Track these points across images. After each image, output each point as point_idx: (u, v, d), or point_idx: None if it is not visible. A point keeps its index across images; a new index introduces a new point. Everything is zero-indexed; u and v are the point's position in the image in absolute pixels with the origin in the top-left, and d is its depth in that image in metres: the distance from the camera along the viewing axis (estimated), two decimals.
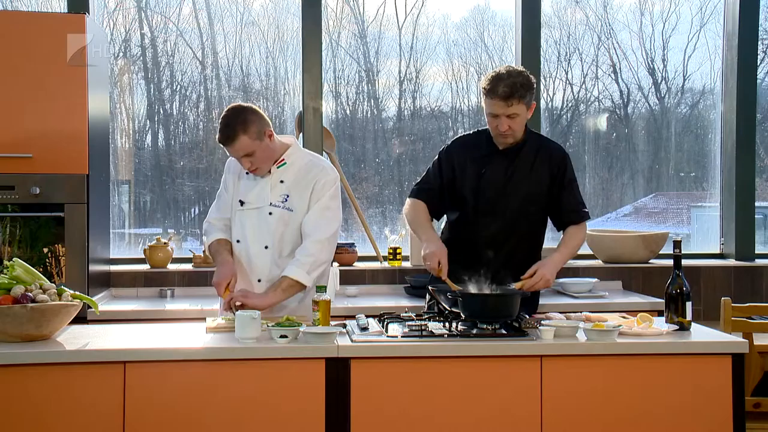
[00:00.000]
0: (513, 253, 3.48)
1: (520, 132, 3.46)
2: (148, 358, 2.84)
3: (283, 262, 3.41)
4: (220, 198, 3.57)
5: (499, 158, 3.52)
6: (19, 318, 2.83)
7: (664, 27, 5.50)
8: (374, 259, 4.99)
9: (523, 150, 3.51)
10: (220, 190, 3.59)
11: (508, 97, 3.31)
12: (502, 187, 3.49)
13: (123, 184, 5.14)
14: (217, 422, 2.84)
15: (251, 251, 3.43)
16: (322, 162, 3.55)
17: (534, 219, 3.55)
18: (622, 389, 2.96)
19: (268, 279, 3.41)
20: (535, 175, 3.50)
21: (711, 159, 5.50)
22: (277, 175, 3.43)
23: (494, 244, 3.44)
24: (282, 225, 3.40)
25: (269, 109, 5.30)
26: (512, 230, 3.50)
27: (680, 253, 3.20)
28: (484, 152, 3.53)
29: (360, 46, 5.37)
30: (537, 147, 3.55)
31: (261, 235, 3.41)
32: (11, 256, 3.91)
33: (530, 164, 3.51)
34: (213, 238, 3.52)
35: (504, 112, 3.34)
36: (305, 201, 3.41)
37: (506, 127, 3.37)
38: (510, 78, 3.32)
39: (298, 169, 3.44)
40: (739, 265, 5.05)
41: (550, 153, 3.54)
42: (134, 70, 5.22)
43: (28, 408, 2.78)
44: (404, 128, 5.44)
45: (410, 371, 2.90)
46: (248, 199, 3.44)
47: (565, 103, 5.58)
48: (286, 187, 3.42)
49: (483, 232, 3.48)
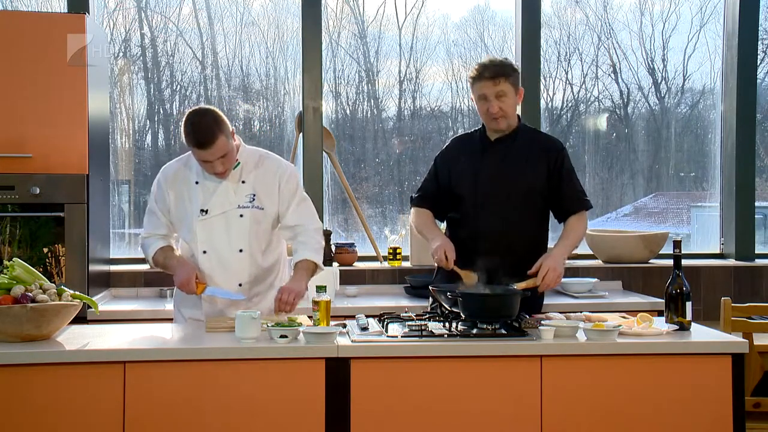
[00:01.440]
0: (513, 248, 3.46)
1: (512, 116, 3.49)
2: (148, 358, 2.84)
3: (261, 261, 3.40)
4: (152, 214, 3.46)
5: (493, 151, 3.52)
6: (19, 318, 2.82)
7: (664, 27, 5.50)
8: (374, 259, 4.99)
9: (517, 140, 3.52)
10: (150, 206, 3.46)
11: (495, 76, 3.40)
12: (497, 180, 3.49)
13: (123, 184, 5.14)
14: (217, 422, 2.84)
15: (225, 258, 3.36)
16: (275, 156, 3.52)
17: (533, 213, 3.54)
18: (622, 389, 2.95)
19: (249, 281, 3.39)
20: (532, 168, 3.50)
21: (711, 159, 5.50)
22: (236, 176, 3.37)
23: (494, 240, 3.43)
24: (255, 225, 3.37)
25: (269, 109, 5.30)
26: (512, 225, 3.48)
27: (680, 253, 3.20)
28: (478, 147, 3.56)
29: (360, 46, 5.37)
30: (531, 139, 3.55)
31: (233, 239, 3.35)
32: (11, 256, 3.91)
33: (525, 156, 3.50)
34: (155, 249, 3.44)
35: (492, 92, 3.41)
36: (274, 197, 3.38)
37: (497, 108, 3.42)
38: (494, 61, 3.46)
39: (255, 166, 3.40)
40: (739, 265, 5.05)
41: (546, 145, 3.55)
42: (134, 70, 5.22)
43: (28, 408, 2.78)
44: (404, 128, 5.44)
45: (410, 371, 2.90)
46: (210, 206, 3.34)
47: (565, 103, 5.58)
48: (250, 187, 3.37)
49: (482, 229, 3.48)
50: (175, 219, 3.44)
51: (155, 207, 3.45)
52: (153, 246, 3.46)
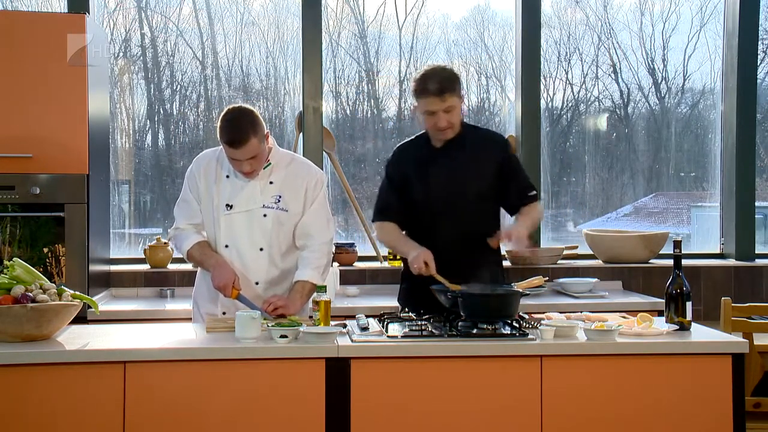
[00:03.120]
0: (472, 253, 3.42)
1: (458, 125, 3.45)
2: (148, 358, 2.84)
3: (279, 262, 3.41)
4: (185, 204, 3.46)
5: (441, 156, 3.49)
6: (19, 318, 2.82)
7: (664, 27, 5.50)
8: (374, 259, 4.99)
9: (463, 143, 3.48)
10: (184, 196, 3.48)
11: (441, 92, 3.33)
12: (449, 184, 3.46)
13: (123, 184, 5.14)
14: (217, 422, 2.84)
15: (245, 255, 3.39)
16: (306, 161, 3.55)
17: (488, 214, 3.51)
18: (622, 389, 2.95)
19: (266, 280, 3.42)
20: (481, 167, 3.47)
21: (711, 159, 5.50)
22: (265, 176, 3.39)
23: (453, 246, 3.40)
24: (278, 225, 3.39)
25: (269, 109, 5.30)
26: (469, 229, 3.44)
27: (680, 253, 3.20)
28: (426, 154, 3.51)
29: (360, 46, 5.37)
30: (476, 140, 3.52)
31: (254, 237, 3.38)
32: (11, 256, 3.91)
33: (474, 157, 3.47)
34: (191, 243, 3.43)
35: (440, 107, 3.35)
36: (299, 201, 3.40)
37: (445, 122, 3.37)
38: (437, 74, 3.36)
39: (285, 169, 3.42)
40: (739, 265, 5.04)
41: (491, 141, 3.54)
42: (134, 70, 5.22)
43: (28, 408, 2.78)
44: (404, 128, 5.44)
45: (410, 371, 2.90)
46: (236, 202, 3.38)
47: (565, 103, 5.58)
48: (277, 188, 3.40)
49: (440, 235, 3.44)
50: (202, 209, 3.45)
51: (189, 196, 3.46)
52: (189, 240, 3.44)
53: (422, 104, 3.38)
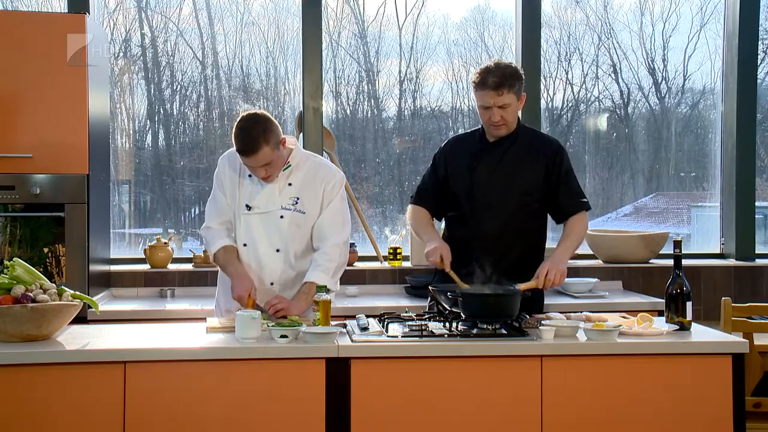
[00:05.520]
0: (510, 249, 3.46)
1: (512, 123, 3.48)
2: (148, 358, 2.84)
3: (295, 264, 3.42)
4: (216, 200, 3.49)
5: (490, 152, 3.52)
6: (19, 318, 2.83)
7: (664, 27, 5.50)
8: (374, 259, 4.99)
9: (515, 143, 3.51)
10: (215, 192, 3.50)
11: (498, 87, 3.35)
12: (494, 180, 3.48)
13: (123, 184, 5.14)
14: (217, 422, 2.84)
15: (261, 255, 3.41)
16: (327, 162, 3.56)
17: (531, 214, 3.52)
18: (622, 389, 2.96)
19: (281, 281, 3.43)
20: (529, 169, 3.49)
21: (711, 159, 5.50)
22: (284, 177, 3.40)
23: (491, 241, 3.43)
24: (294, 227, 3.40)
25: (269, 109, 5.30)
26: (508, 226, 3.47)
27: (680, 253, 3.20)
28: (476, 148, 3.55)
29: (360, 46, 5.37)
30: (530, 141, 3.55)
31: (271, 238, 3.40)
32: (11, 256, 3.91)
33: (523, 158, 3.50)
34: (219, 246, 3.43)
35: (495, 102, 3.38)
36: (317, 203, 3.41)
37: (498, 117, 3.40)
38: (499, 69, 3.39)
39: (304, 170, 3.43)
40: (739, 265, 5.05)
41: (544, 146, 3.54)
42: (134, 70, 5.22)
43: (28, 408, 2.78)
44: (404, 128, 5.44)
45: (410, 371, 2.90)
46: (255, 203, 3.40)
47: (566, 103, 5.58)
48: (296, 190, 3.40)
49: (479, 229, 3.47)
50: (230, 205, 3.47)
51: (218, 193, 3.48)
52: (218, 242, 3.43)
53: (479, 97, 3.42)
